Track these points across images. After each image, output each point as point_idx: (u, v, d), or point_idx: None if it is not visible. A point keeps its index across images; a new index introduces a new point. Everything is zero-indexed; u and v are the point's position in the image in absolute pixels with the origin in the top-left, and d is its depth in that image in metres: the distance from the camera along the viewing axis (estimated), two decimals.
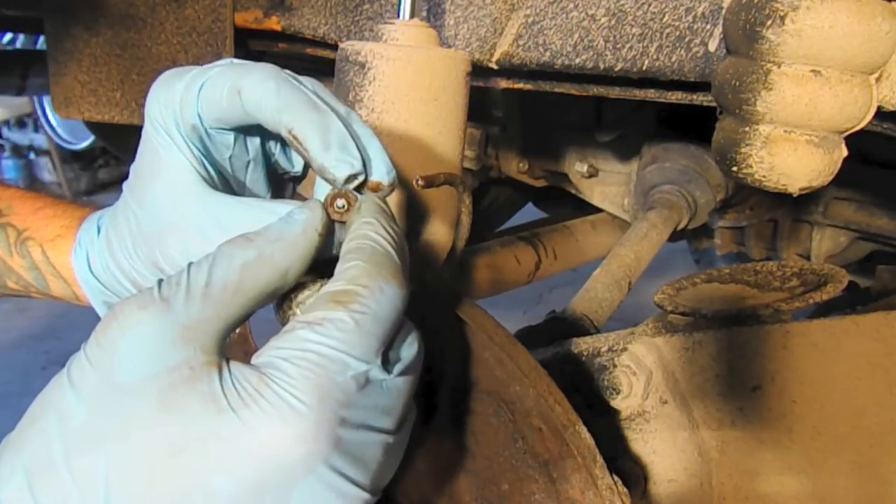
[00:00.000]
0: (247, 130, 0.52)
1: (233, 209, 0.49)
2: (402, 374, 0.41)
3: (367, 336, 0.38)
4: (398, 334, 0.42)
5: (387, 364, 0.40)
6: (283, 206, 0.47)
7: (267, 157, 0.56)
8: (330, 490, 0.36)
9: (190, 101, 0.48)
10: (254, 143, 0.54)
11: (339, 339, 0.37)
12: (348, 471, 0.37)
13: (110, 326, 0.38)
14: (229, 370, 0.37)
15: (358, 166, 0.46)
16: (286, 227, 0.42)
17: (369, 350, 0.38)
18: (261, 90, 0.46)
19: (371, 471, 0.38)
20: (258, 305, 0.41)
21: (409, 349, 0.42)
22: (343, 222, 0.46)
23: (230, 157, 0.52)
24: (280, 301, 0.46)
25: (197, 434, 0.35)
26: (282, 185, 0.59)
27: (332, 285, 0.40)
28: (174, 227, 0.50)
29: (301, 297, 0.45)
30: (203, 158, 0.51)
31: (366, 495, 0.37)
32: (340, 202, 0.46)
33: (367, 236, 0.43)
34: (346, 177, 0.46)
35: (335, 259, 0.43)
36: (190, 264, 0.40)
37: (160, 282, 0.39)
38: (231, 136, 0.51)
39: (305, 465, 0.35)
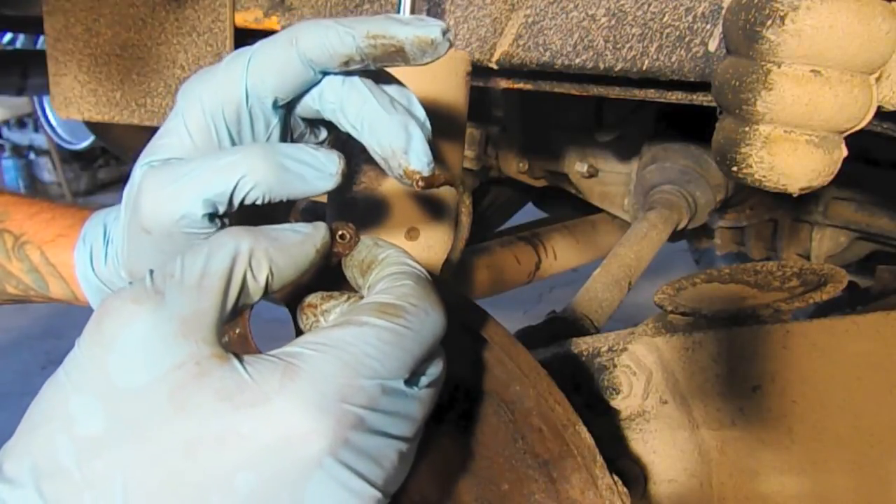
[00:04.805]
0: (290, 106, 0.50)
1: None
2: (426, 387, 0.41)
3: (403, 352, 0.38)
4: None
5: (413, 378, 0.40)
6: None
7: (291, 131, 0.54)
8: (344, 488, 0.36)
9: (235, 76, 0.47)
10: (292, 119, 0.52)
11: (376, 347, 0.37)
12: (363, 470, 0.37)
13: (104, 322, 0.37)
14: (242, 364, 0.36)
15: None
16: (285, 232, 0.42)
17: (402, 366, 0.38)
18: (315, 33, 0.45)
19: (386, 473, 0.38)
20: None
21: (436, 367, 0.42)
22: (342, 254, 0.46)
23: (267, 138, 0.50)
24: (303, 308, 0.46)
25: (214, 431, 0.35)
26: None
27: (379, 296, 0.40)
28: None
29: (327, 306, 0.45)
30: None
31: (379, 495, 0.37)
32: (342, 233, 0.46)
33: (409, 264, 0.44)
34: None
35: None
36: (185, 252, 0.39)
37: (152, 272, 0.38)
38: (273, 115, 0.49)
39: (322, 461, 0.35)
